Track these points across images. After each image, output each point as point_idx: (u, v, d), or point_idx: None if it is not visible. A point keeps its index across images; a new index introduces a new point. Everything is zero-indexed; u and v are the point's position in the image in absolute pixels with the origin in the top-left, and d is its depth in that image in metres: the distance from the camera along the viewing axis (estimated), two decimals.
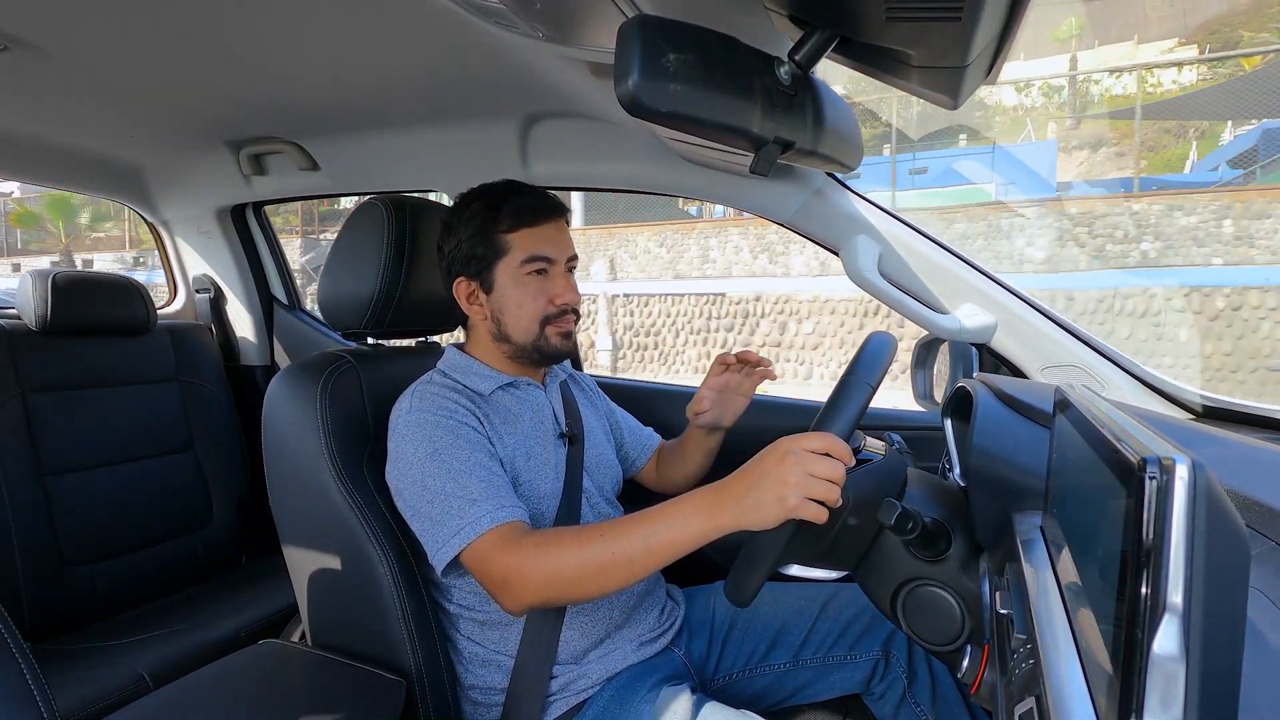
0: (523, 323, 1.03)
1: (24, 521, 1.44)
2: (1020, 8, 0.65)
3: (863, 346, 0.82)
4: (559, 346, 1.05)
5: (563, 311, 1.03)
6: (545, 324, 1.03)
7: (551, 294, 1.02)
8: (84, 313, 1.62)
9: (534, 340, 1.03)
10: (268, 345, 2.04)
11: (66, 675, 1.28)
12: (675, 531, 0.78)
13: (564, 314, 1.04)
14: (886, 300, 1.21)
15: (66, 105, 1.34)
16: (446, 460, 0.91)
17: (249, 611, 1.55)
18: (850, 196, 1.25)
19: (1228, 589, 0.33)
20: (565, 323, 1.04)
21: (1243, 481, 0.67)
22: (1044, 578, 0.54)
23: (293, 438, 1.03)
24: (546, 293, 1.02)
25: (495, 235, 1.01)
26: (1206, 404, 1.13)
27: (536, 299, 1.02)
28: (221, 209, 1.90)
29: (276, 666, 1.04)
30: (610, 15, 0.76)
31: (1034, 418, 0.78)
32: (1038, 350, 1.20)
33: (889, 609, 0.80)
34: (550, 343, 1.04)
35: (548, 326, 1.03)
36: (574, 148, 1.41)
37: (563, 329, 1.04)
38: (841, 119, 0.86)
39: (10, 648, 0.53)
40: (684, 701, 0.91)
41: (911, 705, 1.03)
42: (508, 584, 0.85)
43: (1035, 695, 0.46)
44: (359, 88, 1.25)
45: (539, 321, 1.02)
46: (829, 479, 0.71)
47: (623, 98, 0.63)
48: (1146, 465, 0.34)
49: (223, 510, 1.80)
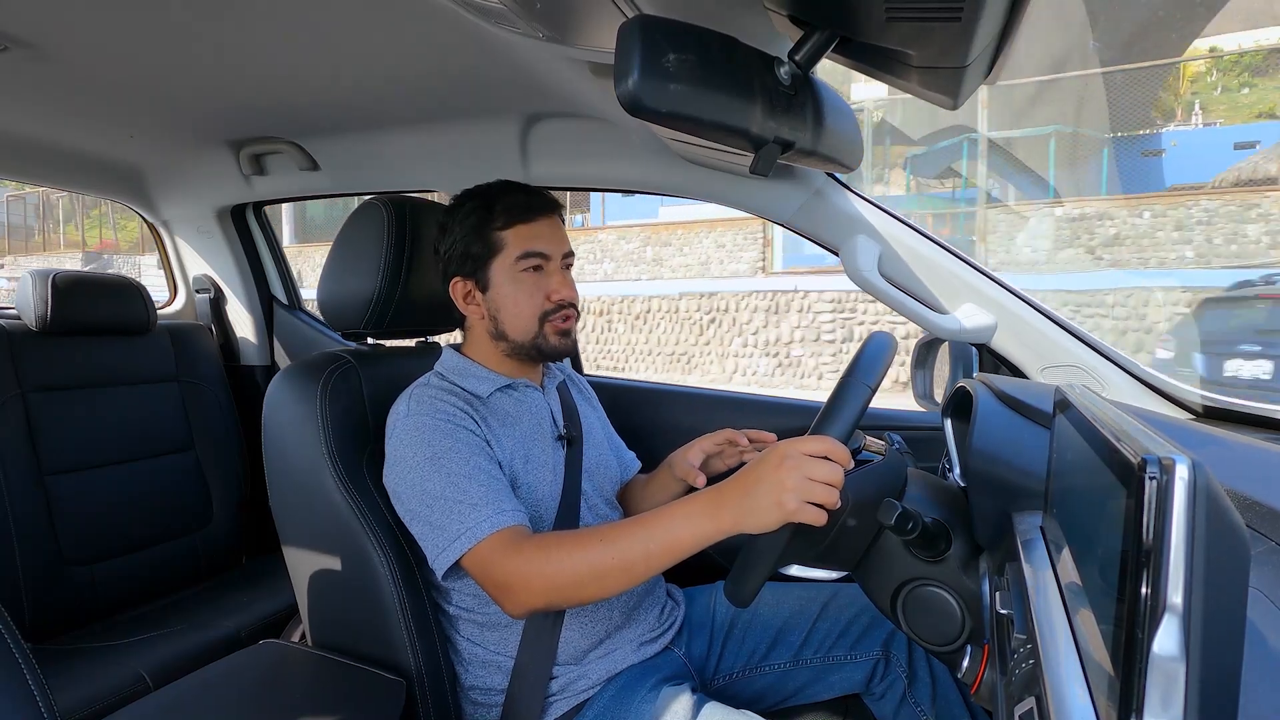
0: (520, 320, 1.02)
1: (24, 521, 1.44)
2: (1020, 8, 0.65)
3: (862, 347, 0.82)
4: (558, 345, 1.04)
5: (560, 307, 1.03)
6: (543, 321, 1.03)
7: (548, 290, 1.02)
8: (84, 313, 1.62)
9: (532, 338, 1.03)
10: (268, 345, 2.04)
11: (66, 675, 1.28)
12: (675, 535, 0.78)
13: (561, 309, 1.03)
14: (887, 300, 1.21)
15: (66, 105, 1.34)
16: (445, 464, 0.91)
17: (249, 611, 1.55)
18: (850, 196, 1.25)
19: (1228, 589, 0.33)
20: (563, 319, 1.04)
21: (1243, 481, 0.67)
22: (1044, 578, 0.54)
23: (293, 438, 1.03)
24: (543, 289, 1.02)
25: (490, 233, 1.01)
26: (1206, 404, 1.13)
27: (533, 296, 1.02)
28: (221, 209, 1.90)
29: (276, 666, 1.04)
30: (610, 15, 0.76)
31: (1034, 418, 0.78)
32: (1038, 350, 1.20)
33: (889, 609, 0.80)
34: (549, 341, 1.04)
35: (546, 324, 1.03)
36: (574, 148, 1.41)
37: (561, 326, 1.04)
38: (841, 119, 0.86)
39: (10, 648, 0.53)
40: (684, 701, 0.91)
41: (911, 705, 1.03)
42: (510, 589, 0.85)
43: (1035, 695, 0.46)
44: (359, 88, 1.25)
45: (537, 318, 1.02)
46: (827, 482, 0.71)
47: (623, 98, 0.63)
48: (1146, 465, 0.34)
49: (223, 510, 1.80)
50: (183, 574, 1.71)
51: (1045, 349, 1.19)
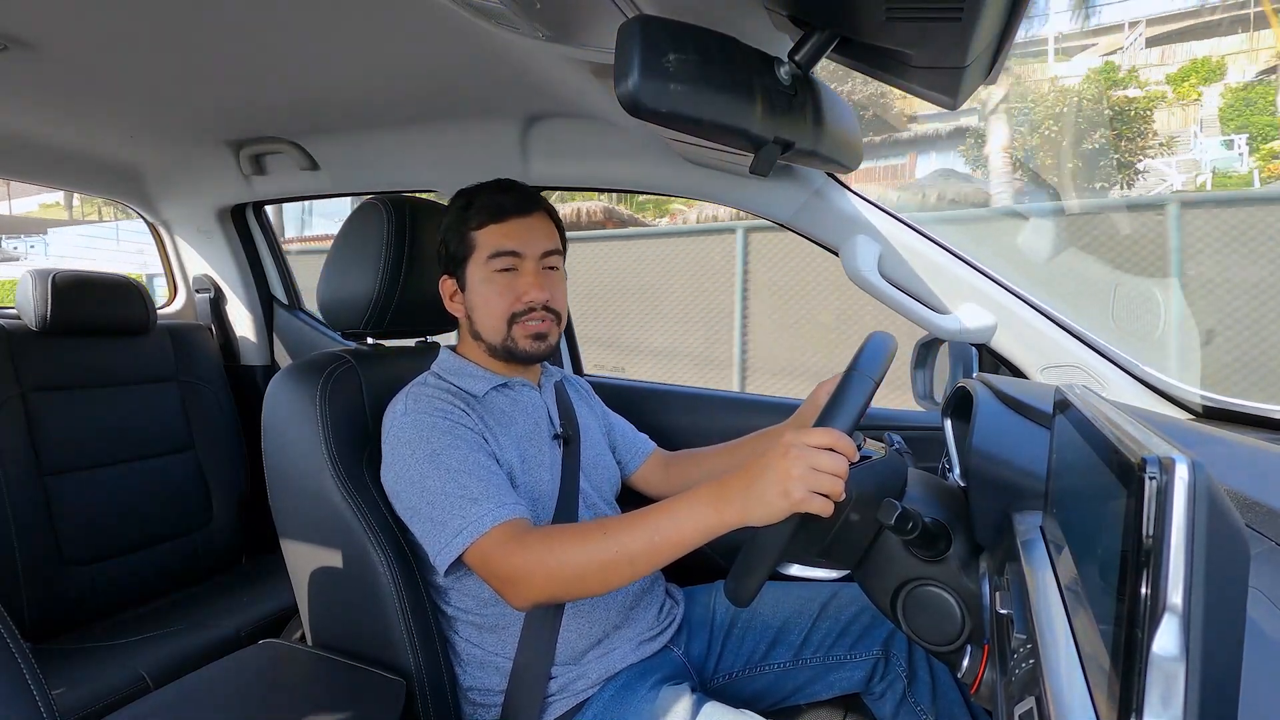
0: (490, 320, 1.02)
1: (24, 521, 1.44)
2: (1020, 8, 0.65)
3: (864, 344, 0.82)
4: (527, 349, 1.02)
5: (530, 309, 1.01)
6: (512, 323, 1.02)
7: (518, 291, 1.01)
8: (84, 313, 1.62)
9: (502, 340, 1.02)
10: (268, 345, 2.04)
11: (66, 675, 1.28)
12: (679, 527, 0.78)
13: (531, 311, 1.02)
14: (886, 300, 1.21)
15: (66, 105, 1.34)
16: (445, 461, 0.91)
17: (249, 611, 1.55)
18: (850, 197, 1.25)
19: (1228, 589, 0.33)
20: (534, 321, 1.02)
21: (1243, 481, 0.67)
22: (1044, 578, 0.54)
23: (292, 438, 1.03)
24: (514, 289, 1.01)
25: (466, 232, 1.02)
26: (1206, 404, 1.13)
27: (503, 296, 1.01)
28: (221, 209, 1.90)
29: (276, 666, 1.04)
30: (610, 15, 0.76)
31: (1034, 418, 0.78)
32: (1038, 350, 1.20)
33: (889, 609, 0.80)
34: (518, 345, 1.02)
35: (514, 326, 1.02)
36: (574, 148, 1.41)
37: (531, 330, 1.02)
38: (841, 119, 0.86)
39: (10, 648, 0.53)
40: (684, 701, 0.91)
41: (911, 705, 1.03)
42: (513, 581, 0.85)
43: (1035, 695, 0.46)
44: (359, 88, 1.25)
45: (505, 320, 1.01)
46: (833, 473, 0.71)
47: (623, 98, 0.63)
48: (1146, 465, 0.34)
49: (223, 510, 1.80)
50: (183, 574, 1.71)
51: (1045, 349, 1.19)
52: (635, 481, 1.25)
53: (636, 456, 1.24)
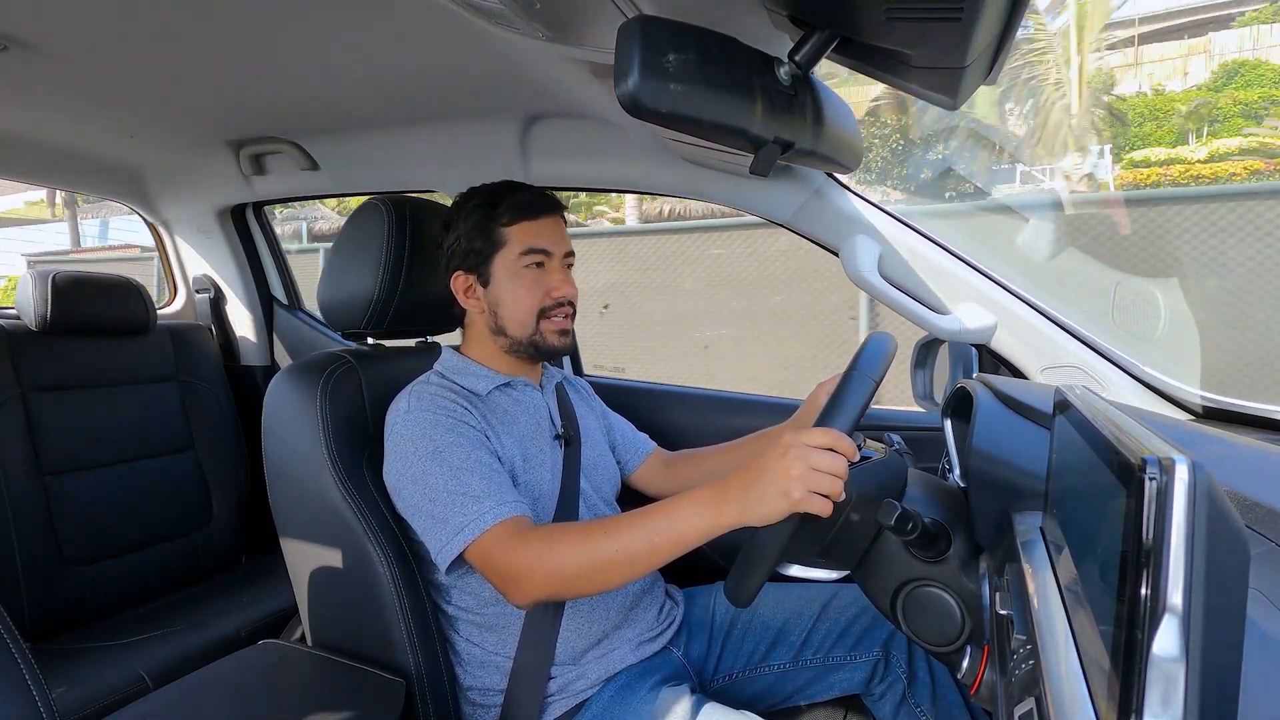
0: (519, 314, 1.03)
1: (24, 521, 1.44)
2: (1020, 7, 0.65)
3: (864, 344, 0.82)
4: (555, 344, 1.05)
5: (558, 304, 1.04)
6: (541, 318, 1.04)
7: (548, 287, 1.04)
8: (84, 313, 1.62)
9: (530, 334, 1.04)
10: (268, 345, 2.04)
11: (66, 675, 1.28)
12: (679, 527, 0.78)
13: (560, 306, 1.04)
14: (886, 301, 1.21)
15: (66, 105, 1.34)
16: (447, 458, 0.91)
17: (249, 611, 1.55)
18: (850, 197, 1.25)
19: (1228, 589, 0.33)
20: (561, 317, 1.05)
21: (1243, 481, 0.67)
22: (1044, 578, 0.54)
23: (293, 438, 1.03)
24: (543, 285, 1.04)
25: (494, 229, 1.03)
26: (1206, 404, 1.13)
27: (533, 291, 1.03)
28: (221, 209, 1.90)
29: (276, 666, 1.04)
30: (610, 15, 0.76)
31: (1034, 418, 0.78)
32: (1038, 350, 1.20)
33: (889, 610, 0.80)
34: (546, 339, 1.05)
35: (543, 321, 1.04)
36: (574, 148, 1.41)
37: (558, 325, 1.05)
38: (841, 119, 0.86)
39: (10, 648, 0.53)
40: (684, 702, 0.91)
41: (911, 706, 1.03)
42: (515, 579, 0.85)
43: (1035, 696, 0.46)
44: (359, 88, 1.25)
45: (535, 314, 1.03)
46: (832, 472, 0.71)
47: (623, 98, 0.63)
48: (1146, 465, 0.34)
49: (223, 510, 1.80)
50: (183, 574, 1.71)
51: (1045, 349, 1.19)
52: (635, 481, 1.25)
53: (636, 456, 1.24)
